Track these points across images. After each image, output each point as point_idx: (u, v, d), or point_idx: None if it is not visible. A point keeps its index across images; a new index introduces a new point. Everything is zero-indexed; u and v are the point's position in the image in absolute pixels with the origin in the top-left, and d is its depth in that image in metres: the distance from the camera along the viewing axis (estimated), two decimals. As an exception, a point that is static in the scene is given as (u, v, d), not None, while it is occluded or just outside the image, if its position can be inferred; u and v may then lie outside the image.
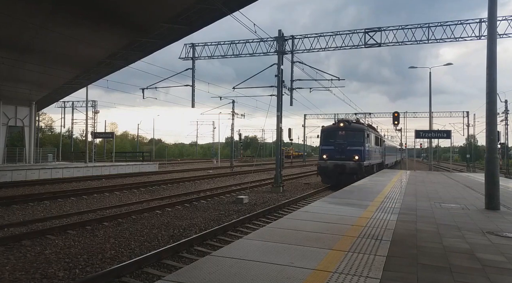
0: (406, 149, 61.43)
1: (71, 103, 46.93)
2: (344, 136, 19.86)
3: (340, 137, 19.88)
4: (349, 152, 19.28)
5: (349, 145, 19.52)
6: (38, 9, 12.97)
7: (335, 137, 20.07)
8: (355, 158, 19.03)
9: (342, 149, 19.51)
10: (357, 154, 19.16)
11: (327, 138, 20.51)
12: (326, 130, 21.05)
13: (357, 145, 19.56)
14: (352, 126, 20.48)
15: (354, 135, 19.96)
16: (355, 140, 19.65)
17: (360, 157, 19.19)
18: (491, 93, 8.35)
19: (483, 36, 19.84)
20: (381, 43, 21.30)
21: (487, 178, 8.36)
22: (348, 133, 19.94)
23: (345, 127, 20.16)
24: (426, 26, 20.96)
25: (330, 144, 20.01)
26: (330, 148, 19.93)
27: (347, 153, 19.30)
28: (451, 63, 30.59)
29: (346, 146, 19.52)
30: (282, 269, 3.71)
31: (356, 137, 19.85)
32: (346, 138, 19.77)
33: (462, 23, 20.40)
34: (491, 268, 4.04)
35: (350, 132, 19.99)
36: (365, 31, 21.42)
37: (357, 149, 19.42)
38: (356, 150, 19.38)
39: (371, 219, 6.56)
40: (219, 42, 24.16)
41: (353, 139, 19.74)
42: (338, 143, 19.72)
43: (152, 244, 8.28)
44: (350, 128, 20.25)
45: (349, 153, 19.24)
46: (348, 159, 19.08)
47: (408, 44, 21.20)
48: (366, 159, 19.91)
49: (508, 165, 44.12)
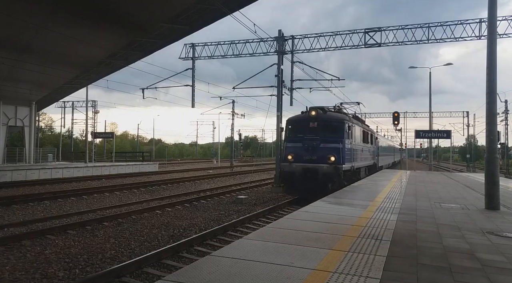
0: (406, 148, 61.45)
1: (71, 103, 46.96)
2: (317, 129, 14.45)
3: (311, 131, 14.48)
4: (323, 151, 13.98)
5: (323, 141, 14.17)
6: (38, 9, 12.97)
7: (304, 131, 14.68)
8: (330, 159, 13.71)
9: (314, 147, 14.17)
10: (333, 154, 13.80)
11: (294, 132, 15.25)
12: (292, 122, 15.67)
13: (334, 141, 14.19)
14: (328, 115, 14.99)
15: (331, 128, 14.61)
16: (331, 135, 14.36)
17: (337, 158, 13.79)
18: (491, 93, 8.35)
19: (483, 36, 19.85)
20: (381, 43, 21.31)
21: (487, 178, 8.36)
22: (322, 125, 14.54)
23: (317, 117, 14.59)
24: (426, 26, 20.97)
25: (298, 139, 14.73)
26: (297, 145, 14.64)
27: (320, 152, 14.03)
28: (451, 63, 30.62)
29: (319, 143, 14.17)
30: (282, 269, 3.71)
31: (333, 130, 14.53)
32: (319, 132, 14.40)
33: (462, 23, 20.41)
34: (491, 268, 4.04)
35: (324, 124, 14.61)
36: (365, 31, 21.43)
37: (333, 147, 14.03)
38: (333, 148, 14.00)
39: (371, 219, 6.56)
40: (219, 42, 24.16)
41: (328, 133, 14.43)
42: (308, 138, 14.34)
43: (152, 244, 8.28)
44: (325, 118, 14.77)
45: (323, 152, 13.95)
46: (321, 161, 13.84)
47: (408, 44, 21.23)
48: (347, 160, 14.63)
49: (508, 165, 44.13)
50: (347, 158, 14.67)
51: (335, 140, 14.27)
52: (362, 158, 18.30)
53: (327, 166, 13.66)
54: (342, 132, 14.61)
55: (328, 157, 13.81)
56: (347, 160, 14.58)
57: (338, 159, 13.82)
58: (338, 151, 14.02)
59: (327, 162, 13.75)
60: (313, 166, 13.83)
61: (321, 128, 14.50)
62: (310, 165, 13.93)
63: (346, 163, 14.45)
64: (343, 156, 14.18)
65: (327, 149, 14.04)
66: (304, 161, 14.17)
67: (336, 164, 13.70)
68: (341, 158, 14.00)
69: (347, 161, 14.63)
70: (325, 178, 13.52)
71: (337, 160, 13.79)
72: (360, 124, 18.63)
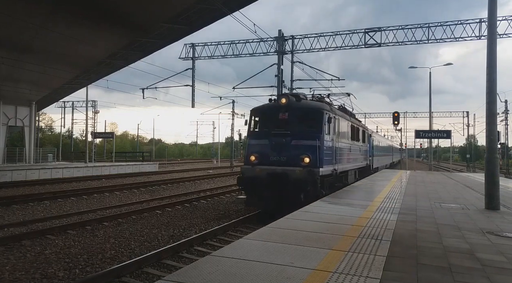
0: (406, 148, 61.47)
1: (71, 103, 47.03)
2: (288, 122, 11.24)
3: (280, 124, 11.26)
4: (295, 150, 10.89)
5: (295, 138, 11.01)
6: (38, 9, 12.98)
7: (272, 123, 11.54)
8: (304, 161, 10.62)
9: (283, 145, 10.99)
10: (308, 154, 10.71)
11: (259, 126, 12.15)
12: (257, 112, 12.32)
13: (309, 137, 11.04)
14: (302, 104, 11.72)
15: (306, 120, 11.39)
16: (306, 130, 11.17)
17: (313, 159, 10.67)
18: (491, 93, 8.35)
19: (483, 36, 19.87)
20: (381, 43, 21.33)
21: (487, 178, 8.36)
22: (294, 116, 11.34)
23: (289, 106, 11.40)
24: (426, 26, 20.99)
25: (263, 135, 11.59)
26: (262, 143, 11.49)
27: (291, 151, 10.92)
28: (451, 63, 30.65)
29: (289, 139, 11.00)
30: (282, 269, 3.71)
31: (309, 123, 11.32)
32: (291, 125, 11.17)
33: (462, 23, 20.44)
34: (491, 268, 4.04)
35: (298, 115, 11.41)
36: (365, 31, 21.44)
37: (308, 145, 10.91)
38: (308, 146, 10.89)
39: (371, 219, 6.56)
40: (219, 42, 24.18)
41: (303, 127, 11.23)
42: (277, 133, 11.11)
43: (152, 244, 8.29)
44: (299, 107, 11.55)
45: (295, 152, 10.87)
46: (293, 163, 10.73)
47: (408, 44, 21.28)
48: (327, 162, 11.45)
49: (508, 165, 44.14)
50: (327, 159, 11.46)
51: (311, 136, 11.02)
52: (350, 158, 14.89)
53: (299, 170, 10.46)
54: (320, 126, 11.23)
55: (301, 158, 10.65)
56: (326, 161, 11.34)
57: (314, 160, 10.64)
58: (315, 150, 10.79)
59: (300, 164, 10.61)
60: (282, 169, 10.65)
61: (293, 121, 11.21)
62: (279, 168, 10.72)
63: (326, 166, 11.21)
64: (321, 156, 10.92)
65: (300, 147, 10.89)
66: (271, 163, 10.98)
67: (312, 166, 10.51)
68: (318, 158, 10.78)
69: (327, 162, 11.42)
70: (296, 186, 10.39)
71: (313, 162, 10.63)
72: (348, 117, 15.14)
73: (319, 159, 10.82)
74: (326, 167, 11.27)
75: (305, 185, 10.34)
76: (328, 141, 11.70)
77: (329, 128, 11.79)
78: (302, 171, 10.49)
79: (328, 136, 11.72)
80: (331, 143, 11.99)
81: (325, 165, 11.18)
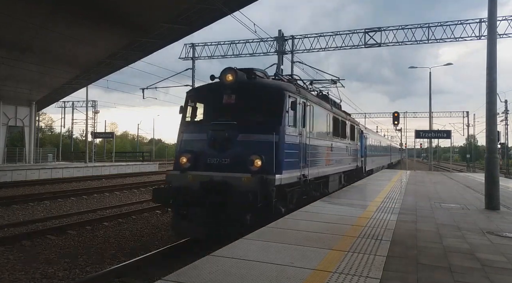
0: (406, 148, 61.49)
1: (71, 103, 47.09)
2: (234, 108, 8.05)
3: (223, 111, 8.10)
4: (243, 148, 7.66)
5: (243, 130, 7.76)
6: (38, 9, 13.00)
7: (212, 111, 8.59)
8: (255, 164, 7.40)
9: (226, 141, 7.74)
10: (260, 153, 7.45)
11: (197, 115, 8.93)
12: (194, 95, 9.11)
13: (263, 130, 7.73)
14: (256, 83, 8.37)
15: (260, 105, 8.20)
16: (260, 119, 7.96)
17: (268, 162, 7.41)
18: (491, 93, 8.36)
19: (483, 36, 19.88)
20: (381, 43, 21.34)
21: (487, 178, 8.36)
22: (243, 100, 8.13)
23: (237, 86, 8.08)
24: (426, 26, 21.00)
25: (200, 128, 8.28)
26: (198, 138, 8.19)
27: (237, 149, 7.70)
28: (451, 63, 30.67)
29: (235, 133, 7.74)
30: (282, 269, 3.71)
31: (264, 110, 8.12)
32: (239, 113, 7.93)
33: (462, 23, 20.44)
34: (491, 268, 4.04)
35: (249, 99, 8.20)
36: (365, 31, 21.45)
37: (262, 141, 7.65)
38: (261, 142, 7.66)
39: (371, 219, 6.56)
40: (219, 42, 24.18)
41: (255, 115, 8.04)
42: (218, 125, 7.88)
43: (152, 243, 8.29)
44: (250, 88, 8.27)
45: (242, 151, 7.63)
46: (238, 167, 7.50)
47: (408, 44, 21.29)
48: (290, 165, 8.07)
49: (508, 165, 44.15)
50: (290, 162, 7.97)
51: (265, 128, 7.61)
52: (331, 159, 11.47)
53: (246, 177, 7.13)
54: (280, 114, 7.81)
55: (250, 160, 7.32)
56: (289, 164, 7.88)
57: (268, 163, 7.30)
58: (270, 148, 7.39)
59: (249, 169, 7.27)
60: (223, 177, 7.35)
61: (242, 107, 7.93)
62: (218, 174, 7.42)
63: (288, 171, 7.76)
64: (280, 157, 7.56)
65: (250, 144, 7.58)
66: (208, 167, 7.66)
67: (265, 172, 7.18)
68: (276, 161, 7.39)
69: (290, 166, 7.94)
70: (241, 201, 6.86)
71: (267, 165, 7.28)
72: (329, 107, 11.82)
73: (276, 161, 7.33)
74: (288, 172, 7.73)
75: (254, 199, 6.71)
76: (293, 136, 8.13)
77: (294, 118, 8.26)
78: (250, 179, 7.03)
79: (293, 129, 8.19)
80: (298, 139, 8.38)
81: (286, 170, 7.63)
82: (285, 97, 7.98)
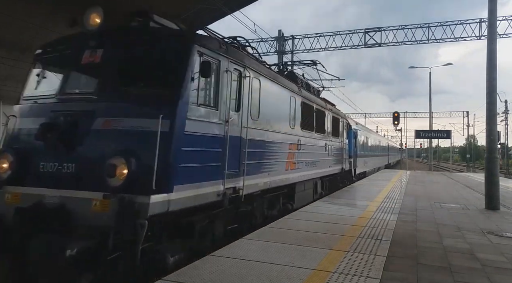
0: (406, 148, 61.50)
1: (71, 103, 46.99)
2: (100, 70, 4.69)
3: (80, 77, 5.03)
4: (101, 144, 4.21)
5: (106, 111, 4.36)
6: (38, 9, 13.00)
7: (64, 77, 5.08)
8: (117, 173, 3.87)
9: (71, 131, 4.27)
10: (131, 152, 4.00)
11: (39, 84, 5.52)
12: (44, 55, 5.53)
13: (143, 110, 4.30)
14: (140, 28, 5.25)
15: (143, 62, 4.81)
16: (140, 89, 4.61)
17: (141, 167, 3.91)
18: (491, 93, 8.36)
19: (483, 36, 19.89)
20: (381, 43, 21.35)
21: (487, 178, 8.37)
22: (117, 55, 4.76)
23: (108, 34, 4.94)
24: (426, 26, 21.01)
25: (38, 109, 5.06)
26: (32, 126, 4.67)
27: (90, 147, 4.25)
28: (451, 63, 30.68)
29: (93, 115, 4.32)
30: (282, 269, 3.71)
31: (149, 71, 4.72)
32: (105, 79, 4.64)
33: (462, 23, 20.46)
34: (491, 268, 4.04)
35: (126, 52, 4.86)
36: (365, 31, 21.46)
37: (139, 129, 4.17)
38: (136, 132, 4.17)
39: (371, 219, 6.56)
40: (219, 42, 24.15)
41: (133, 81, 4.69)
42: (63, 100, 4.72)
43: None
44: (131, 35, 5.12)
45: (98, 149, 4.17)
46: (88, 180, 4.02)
47: (408, 44, 21.32)
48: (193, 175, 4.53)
49: (508, 165, 44.15)
50: (198, 168, 4.70)
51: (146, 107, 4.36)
52: (298, 162, 8.58)
53: (98, 202, 3.85)
54: (179, 82, 4.45)
55: (109, 166, 3.94)
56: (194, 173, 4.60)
57: (143, 172, 3.93)
58: (151, 144, 3.96)
59: (106, 184, 3.92)
60: (60, 198, 4.03)
61: (111, 70, 4.73)
62: (53, 193, 4.08)
63: (189, 185, 4.48)
64: (172, 159, 4.22)
65: (115, 136, 4.28)
66: (41, 178, 4.35)
67: (133, 189, 3.83)
68: (162, 167, 3.99)
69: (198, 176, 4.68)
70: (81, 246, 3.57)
71: (141, 176, 3.94)
72: (296, 88, 8.81)
73: (161, 168, 4.00)
74: (191, 186, 4.53)
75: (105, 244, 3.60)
76: (206, 122, 4.89)
77: (215, 94, 5.15)
78: (106, 202, 3.83)
79: (209, 111, 4.98)
80: (221, 128, 5.19)
81: (187, 183, 4.45)
82: (190, 53, 4.62)
